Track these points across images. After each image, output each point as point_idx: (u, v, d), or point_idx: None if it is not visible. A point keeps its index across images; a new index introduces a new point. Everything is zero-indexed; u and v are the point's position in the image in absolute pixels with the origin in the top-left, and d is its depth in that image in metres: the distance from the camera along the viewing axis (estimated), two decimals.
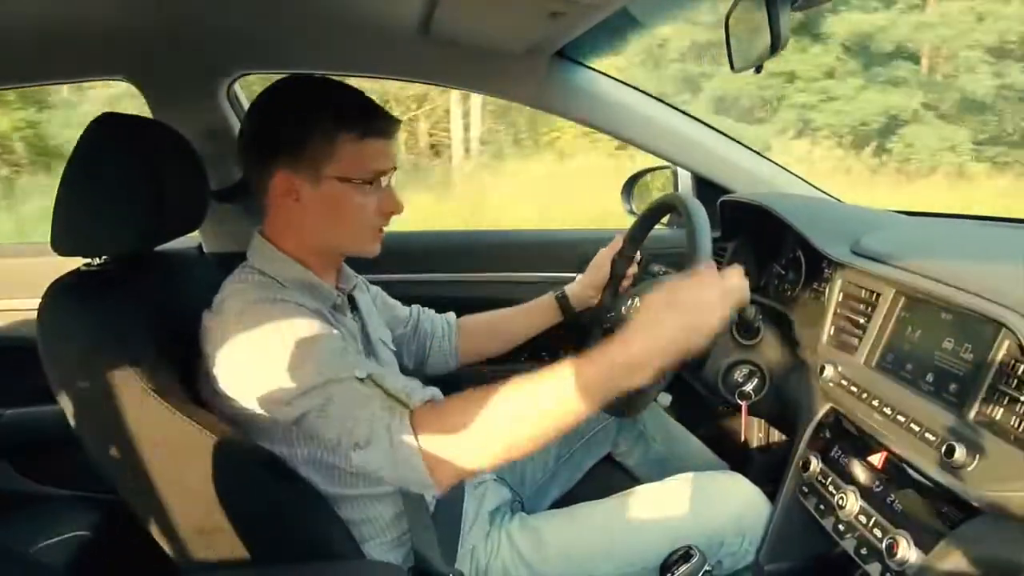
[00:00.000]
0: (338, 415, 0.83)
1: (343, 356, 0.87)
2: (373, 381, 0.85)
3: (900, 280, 0.94)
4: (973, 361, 0.80)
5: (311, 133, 0.92)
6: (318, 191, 0.94)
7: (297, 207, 0.95)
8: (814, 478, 1.02)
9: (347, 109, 0.94)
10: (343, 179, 0.94)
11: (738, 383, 1.12)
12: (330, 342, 0.88)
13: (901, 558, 0.80)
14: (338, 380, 0.84)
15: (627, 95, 1.52)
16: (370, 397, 0.83)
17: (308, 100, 0.95)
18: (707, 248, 0.98)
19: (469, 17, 1.21)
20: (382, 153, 0.96)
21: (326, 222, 0.96)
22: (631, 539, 1.05)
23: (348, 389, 0.84)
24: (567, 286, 1.35)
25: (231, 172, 1.50)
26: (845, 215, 1.40)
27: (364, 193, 0.96)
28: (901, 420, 0.86)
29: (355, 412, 0.83)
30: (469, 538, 1.05)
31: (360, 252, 1.01)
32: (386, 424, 0.81)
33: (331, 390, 0.83)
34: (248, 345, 0.86)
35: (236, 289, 0.92)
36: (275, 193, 0.95)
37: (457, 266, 1.66)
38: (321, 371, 0.84)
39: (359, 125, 0.94)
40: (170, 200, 0.96)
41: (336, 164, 0.93)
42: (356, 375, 0.84)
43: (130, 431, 0.88)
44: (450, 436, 0.81)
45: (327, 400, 0.83)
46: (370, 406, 0.83)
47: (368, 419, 0.82)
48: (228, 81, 1.46)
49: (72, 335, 0.89)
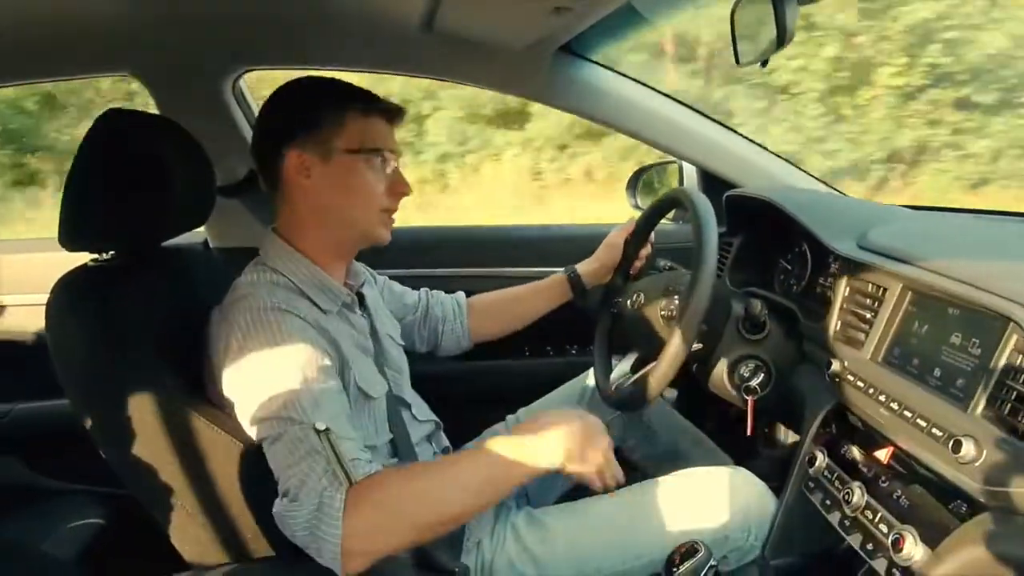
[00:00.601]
0: (281, 454, 0.83)
1: (318, 397, 0.86)
2: (328, 439, 0.83)
3: (907, 275, 0.93)
4: (981, 356, 0.79)
5: (320, 110, 0.97)
6: (329, 165, 0.98)
7: (310, 188, 0.98)
8: (820, 473, 1.02)
9: (353, 89, 1.01)
10: (352, 151, 0.98)
11: (744, 378, 1.12)
12: (312, 379, 0.87)
13: (907, 553, 0.80)
14: (297, 422, 0.83)
15: (632, 90, 1.51)
16: (317, 454, 0.82)
17: (316, 85, 1.02)
18: (713, 243, 0.98)
19: (473, 12, 1.21)
20: (386, 133, 1.02)
21: (338, 198, 0.99)
22: (637, 533, 1.05)
23: (301, 434, 0.83)
24: (578, 264, 1.35)
25: (236, 168, 1.51)
26: (852, 210, 1.39)
27: (373, 169, 1.00)
28: (908, 415, 0.86)
29: (296, 462, 0.82)
30: (475, 532, 1.06)
31: (371, 237, 1.03)
32: (321, 490, 0.80)
33: (286, 428, 0.83)
34: (242, 357, 0.88)
35: (248, 290, 0.93)
36: (288, 176, 0.98)
37: (464, 261, 1.67)
38: (287, 406, 0.84)
39: (363, 100, 1.00)
40: (176, 196, 0.97)
41: (345, 137, 0.98)
42: (316, 425, 0.83)
43: (137, 426, 0.89)
44: (375, 525, 0.82)
45: (279, 435, 0.84)
46: (313, 464, 0.82)
47: (304, 475, 0.81)
48: (233, 77, 1.46)
49: (80, 330, 0.89)
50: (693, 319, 0.96)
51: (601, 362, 1.24)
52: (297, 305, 0.92)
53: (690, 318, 0.96)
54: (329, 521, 0.79)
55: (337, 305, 1.01)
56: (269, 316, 0.89)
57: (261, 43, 1.43)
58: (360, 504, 0.80)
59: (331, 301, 1.00)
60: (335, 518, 0.79)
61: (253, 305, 0.90)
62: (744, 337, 1.13)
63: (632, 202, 1.78)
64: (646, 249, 1.31)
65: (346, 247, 1.06)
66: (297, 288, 0.97)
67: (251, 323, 0.88)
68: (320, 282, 1.00)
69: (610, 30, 1.38)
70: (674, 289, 1.13)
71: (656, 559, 1.00)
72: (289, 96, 1.01)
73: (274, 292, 0.93)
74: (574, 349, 1.69)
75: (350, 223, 1.01)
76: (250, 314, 0.89)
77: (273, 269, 0.98)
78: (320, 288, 0.99)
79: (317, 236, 1.01)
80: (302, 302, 0.95)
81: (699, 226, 0.99)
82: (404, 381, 1.17)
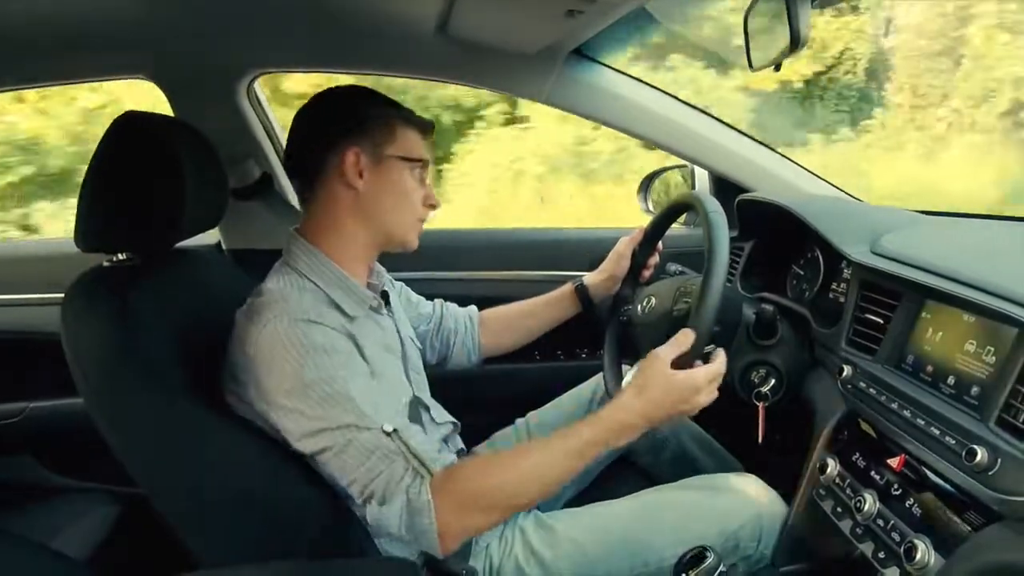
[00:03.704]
0: (356, 462, 0.87)
1: (374, 400, 0.90)
2: (400, 438, 0.88)
3: (921, 281, 0.92)
4: (996, 364, 0.79)
5: (370, 115, 1.02)
6: (380, 169, 1.01)
7: (360, 188, 1.00)
8: (831, 480, 1.01)
9: (393, 100, 1.06)
10: (403, 159, 1.02)
11: (755, 384, 1.12)
12: (361, 383, 0.90)
13: (920, 562, 0.79)
14: (364, 428, 0.87)
15: (644, 93, 1.51)
16: (395, 454, 0.87)
17: (362, 92, 1.06)
18: (724, 248, 0.97)
19: (487, 16, 1.22)
20: (423, 145, 1.06)
21: (386, 201, 1.02)
22: (645, 539, 1.04)
23: (373, 439, 0.87)
24: (585, 276, 1.35)
25: (250, 170, 1.52)
26: (864, 214, 1.38)
27: (416, 178, 1.04)
28: (921, 423, 0.85)
29: (377, 465, 0.87)
30: (483, 536, 1.06)
31: (404, 242, 1.07)
32: (406, 487, 0.86)
33: (353, 435, 0.86)
34: (280, 372, 0.88)
35: (276, 298, 0.93)
36: (341, 174, 1.00)
37: (476, 264, 1.67)
38: (347, 414, 0.87)
39: (407, 113, 1.05)
40: (191, 198, 0.97)
41: (396, 144, 1.02)
42: (384, 428, 0.88)
43: (150, 425, 0.89)
44: (463, 507, 0.89)
45: (346, 444, 0.86)
46: (393, 464, 0.87)
47: (388, 477, 0.87)
48: (248, 80, 1.48)
49: (95, 330, 0.90)
50: (704, 324, 0.95)
51: (611, 367, 1.24)
52: (325, 315, 0.93)
53: (701, 323, 0.95)
54: (423, 514, 0.86)
55: (364, 309, 1.02)
56: (301, 327, 0.89)
57: (276, 46, 1.44)
58: (446, 496, 0.87)
59: (357, 305, 1.01)
60: (428, 510, 0.86)
61: (285, 316, 0.90)
62: (755, 343, 1.12)
63: (643, 206, 1.77)
64: (654, 258, 1.31)
65: (373, 250, 1.07)
66: (324, 293, 0.98)
67: (285, 335, 0.88)
68: (346, 285, 1.00)
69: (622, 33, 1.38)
70: (685, 294, 1.12)
71: (665, 565, 0.99)
72: (339, 99, 1.04)
73: (302, 301, 0.93)
74: (584, 354, 1.69)
75: (390, 226, 1.04)
76: (281, 326, 0.89)
77: (300, 273, 0.99)
78: (346, 291, 1.00)
79: (349, 237, 1.02)
80: (330, 310, 0.95)
81: (710, 230, 0.99)
82: (424, 383, 1.18)
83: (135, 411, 0.88)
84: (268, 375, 0.89)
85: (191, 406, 0.90)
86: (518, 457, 0.95)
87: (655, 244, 1.28)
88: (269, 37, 1.41)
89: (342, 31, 1.40)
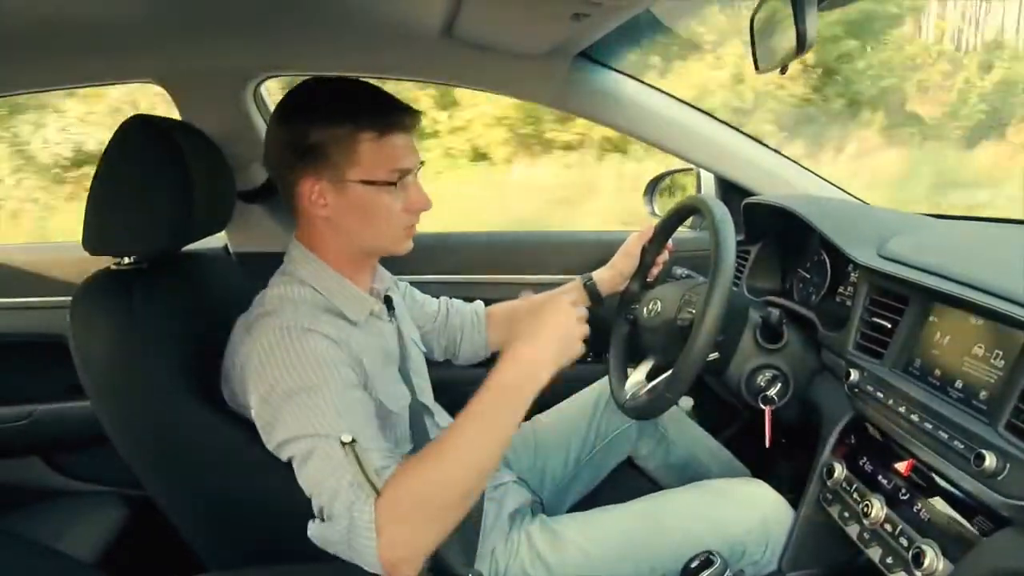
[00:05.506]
0: (311, 473, 0.83)
1: (340, 408, 0.85)
2: (354, 451, 0.80)
3: (929, 284, 0.92)
4: (1004, 368, 0.78)
5: (331, 139, 0.93)
6: (344, 197, 0.95)
7: (326, 212, 0.96)
8: (838, 485, 1.00)
9: (364, 110, 0.94)
10: (367, 182, 0.94)
11: (761, 388, 1.11)
12: (336, 392, 0.86)
13: (928, 568, 0.79)
14: (323, 435, 0.82)
15: (650, 97, 1.51)
16: (343, 467, 0.81)
17: (326, 105, 0.95)
18: (730, 252, 0.97)
19: (492, 19, 1.22)
20: (403, 149, 0.96)
21: (356, 226, 0.97)
22: (651, 543, 1.04)
23: (328, 448, 0.82)
24: (595, 272, 1.35)
25: (257, 173, 1.52)
26: (871, 217, 1.38)
27: (390, 193, 0.96)
28: (929, 427, 0.84)
29: (325, 478, 0.81)
30: (489, 539, 1.05)
31: (392, 251, 1.02)
32: (349, 504, 0.79)
33: (315, 444, 0.83)
34: (263, 379, 0.87)
35: (274, 306, 0.93)
36: (303, 199, 0.96)
37: (482, 267, 1.67)
38: (312, 422, 0.83)
39: (377, 124, 0.94)
40: (198, 201, 0.98)
41: (358, 168, 0.94)
42: (342, 438, 0.81)
43: (158, 428, 0.90)
44: (404, 519, 0.79)
45: (309, 453, 0.83)
46: (340, 478, 0.81)
47: (333, 492, 0.80)
48: (254, 84, 1.48)
49: (102, 333, 0.91)
50: (710, 328, 0.95)
51: (616, 370, 1.23)
52: (322, 322, 0.91)
53: (707, 327, 0.95)
54: (363, 535, 0.78)
55: (365, 314, 1.00)
56: (292, 336, 0.88)
57: (282, 50, 1.44)
58: (389, 511, 0.78)
59: (358, 311, 0.99)
60: (368, 531, 0.78)
61: (277, 324, 0.89)
62: (761, 346, 1.12)
63: (649, 209, 1.77)
64: (663, 256, 1.31)
65: (367, 257, 1.05)
66: (324, 300, 0.97)
67: (274, 344, 0.87)
68: (346, 292, 0.99)
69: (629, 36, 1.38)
70: (691, 297, 1.12)
71: (670, 570, 0.99)
72: (298, 114, 0.95)
73: (299, 309, 0.92)
74: (589, 356, 1.68)
75: (369, 242, 1.00)
76: (274, 334, 0.88)
77: (300, 280, 0.97)
78: (346, 297, 0.99)
79: (337, 248, 1.00)
80: (328, 318, 0.93)
81: (716, 234, 0.99)
82: (427, 387, 1.18)
83: (140, 413, 0.89)
84: (254, 383, 0.88)
85: (197, 409, 0.90)
86: (439, 452, 0.83)
87: (664, 242, 1.28)
88: (275, 41, 1.42)
89: (348, 35, 1.40)
